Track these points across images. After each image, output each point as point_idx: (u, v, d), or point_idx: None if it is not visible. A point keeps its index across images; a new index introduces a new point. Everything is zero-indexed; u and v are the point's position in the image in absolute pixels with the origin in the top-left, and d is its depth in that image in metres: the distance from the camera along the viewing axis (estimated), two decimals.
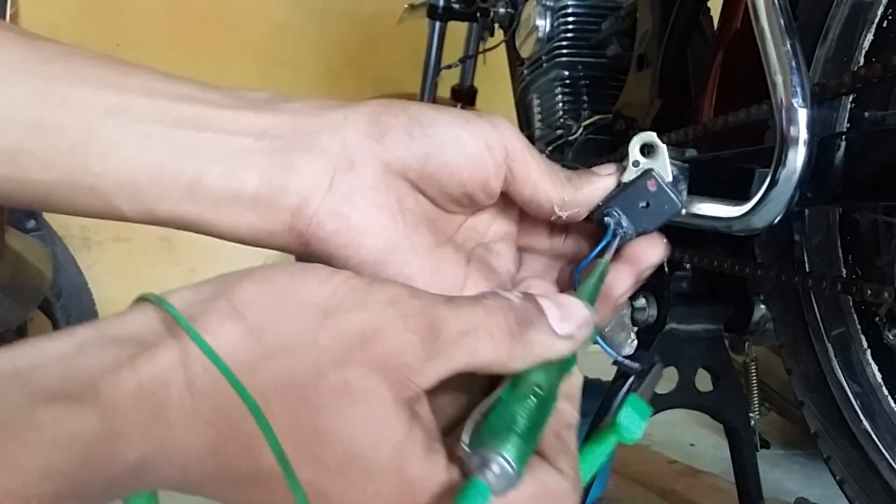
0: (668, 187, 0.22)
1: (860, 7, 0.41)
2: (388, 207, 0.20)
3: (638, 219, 0.22)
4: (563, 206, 0.22)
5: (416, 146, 0.20)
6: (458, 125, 0.20)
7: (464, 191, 0.21)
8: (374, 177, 0.19)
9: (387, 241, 0.20)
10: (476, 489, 0.15)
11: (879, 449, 0.43)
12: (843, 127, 0.42)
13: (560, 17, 0.67)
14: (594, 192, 0.22)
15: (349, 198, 0.19)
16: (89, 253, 1.36)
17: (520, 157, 0.21)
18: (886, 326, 0.42)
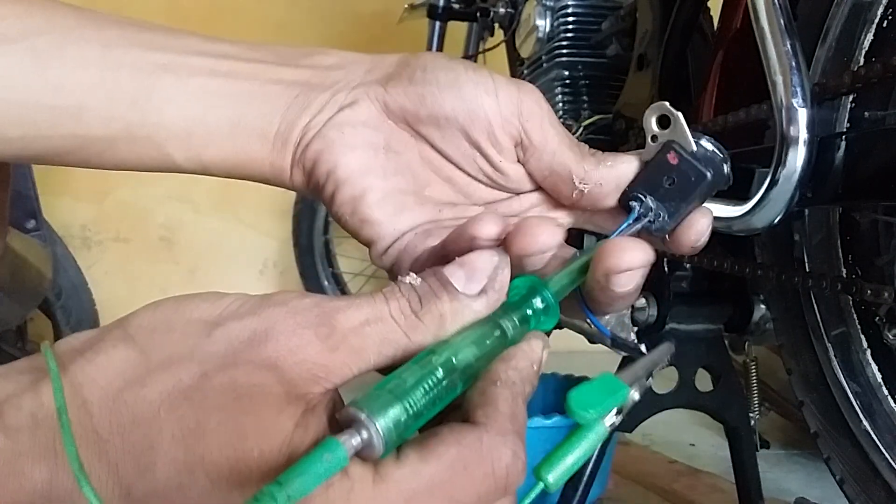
0: (692, 157, 0.20)
1: (860, 7, 0.41)
2: (373, 139, 0.21)
3: (667, 199, 0.20)
4: (584, 178, 0.20)
5: (413, 88, 0.20)
6: (461, 71, 0.20)
7: (469, 141, 0.21)
8: (369, 114, 0.21)
9: (362, 163, 0.21)
10: (331, 449, 0.13)
11: (879, 449, 0.43)
12: (843, 127, 0.42)
13: (560, 17, 0.67)
14: (619, 168, 0.21)
15: (340, 126, 0.21)
16: (89, 253, 1.36)
17: (536, 120, 0.20)
18: (886, 326, 0.42)
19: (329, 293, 1.12)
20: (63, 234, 1.15)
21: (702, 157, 0.20)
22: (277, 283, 1.40)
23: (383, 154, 0.21)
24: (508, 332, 0.18)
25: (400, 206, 0.21)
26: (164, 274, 1.38)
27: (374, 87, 0.21)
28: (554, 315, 0.19)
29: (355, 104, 0.21)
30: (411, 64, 0.21)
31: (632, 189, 0.21)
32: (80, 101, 0.20)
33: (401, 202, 0.21)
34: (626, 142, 0.57)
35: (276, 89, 0.21)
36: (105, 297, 1.16)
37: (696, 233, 0.20)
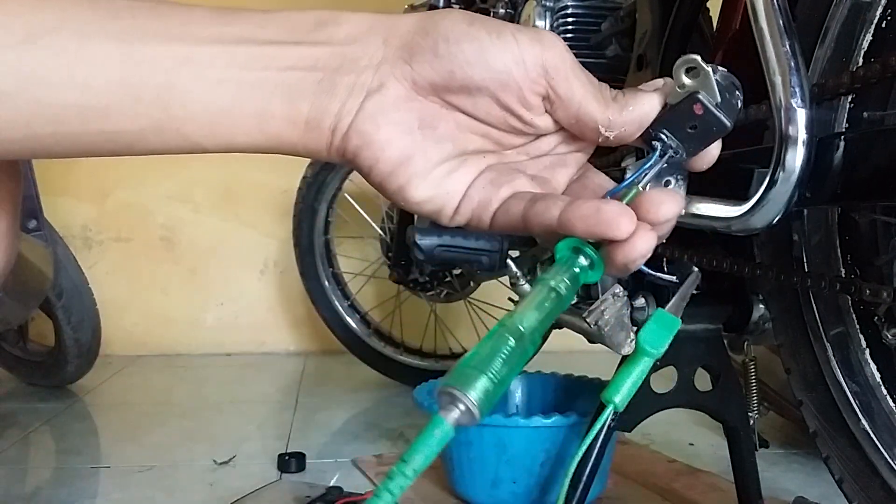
0: (716, 109, 0.21)
1: (859, 7, 0.41)
2: (406, 123, 0.21)
3: (687, 140, 0.22)
4: (609, 126, 0.21)
5: (440, 64, 0.21)
6: (487, 40, 0.21)
7: (500, 105, 0.21)
8: (398, 96, 0.21)
9: (400, 153, 0.21)
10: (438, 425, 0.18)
11: (878, 448, 0.43)
12: (842, 127, 0.42)
13: (559, 17, 0.67)
14: (642, 111, 0.22)
15: (373, 118, 0.21)
16: (90, 252, 1.36)
17: (561, 74, 0.21)
18: (885, 326, 0.43)
19: (330, 293, 1.13)
20: (64, 234, 1.15)
21: (724, 105, 0.21)
22: (278, 282, 1.41)
23: (419, 134, 0.22)
24: (562, 291, 0.20)
25: (448, 173, 0.22)
26: (164, 274, 1.39)
27: (399, 65, 0.21)
28: (599, 269, 0.21)
29: (383, 87, 0.21)
30: (431, 33, 0.21)
31: (655, 128, 0.22)
32: (107, 100, 0.20)
33: (447, 170, 0.22)
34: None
35: (296, 76, 0.21)
36: (106, 297, 1.17)
37: (710, 158, 0.22)
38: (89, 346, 1.05)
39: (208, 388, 1.15)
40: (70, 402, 1.03)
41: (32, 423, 0.91)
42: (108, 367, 1.19)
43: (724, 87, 0.21)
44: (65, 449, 0.83)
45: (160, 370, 1.25)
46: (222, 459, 0.76)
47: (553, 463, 0.57)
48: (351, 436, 0.86)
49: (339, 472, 0.71)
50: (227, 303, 1.40)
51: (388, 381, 1.10)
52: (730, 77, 0.22)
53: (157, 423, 0.92)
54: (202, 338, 1.38)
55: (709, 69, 0.21)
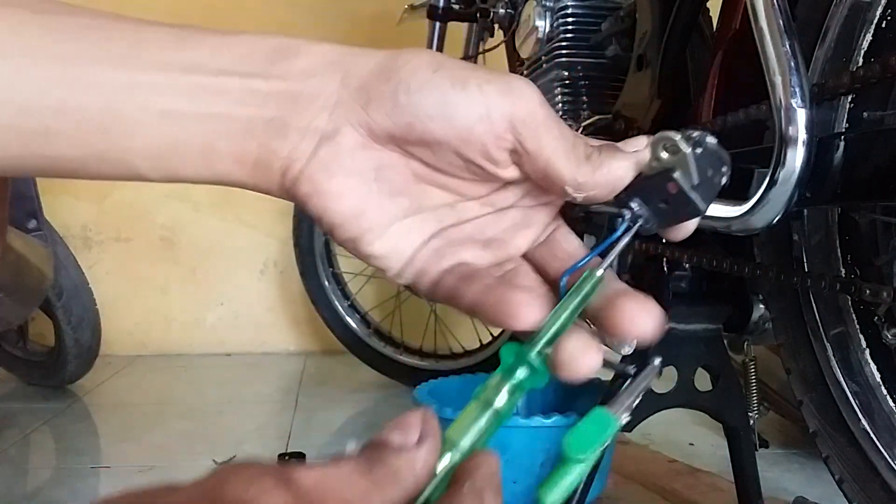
0: (691, 191, 0.19)
1: (859, 7, 0.41)
2: (362, 174, 0.20)
3: (659, 213, 0.20)
4: (577, 187, 0.20)
5: (398, 115, 0.19)
6: (451, 91, 0.19)
7: (462, 159, 0.20)
8: (354, 144, 0.20)
9: (354, 207, 0.20)
10: None
11: (878, 448, 0.43)
12: (842, 127, 0.42)
13: (559, 17, 0.67)
14: (614, 175, 0.20)
15: (325, 165, 0.20)
16: (90, 252, 1.36)
17: (530, 129, 0.19)
18: (885, 326, 0.43)
19: (330, 293, 1.13)
20: (64, 233, 1.15)
21: (702, 186, 0.19)
22: (278, 282, 1.41)
23: (374, 186, 0.20)
24: (501, 408, 0.19)
25: (400, 234, 0.20)
26: (164, 273, 1.39)
27: (355, 110, 0.19)
28: (542, 375, 0.19)
29: (338, 134, 0.19)
30: (392, 79, 0.19)
31: (628, 194, 0.20)
32: (48, 126, 0.19)
33: (399, 230, 0.20)
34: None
35: (247, 112, 0.19)
36: (106, 297, 1.17)
37: (684, 233, 0.21)
38: (89, 346, 1.05)
39: (208, 388, 1.15)
40: (70, 402, 1.03)
41: (32, 423, 0.91)
42: (107, 367, 1.19)
43: (706, 164, 0.19)
44: (65, 449, 0.83)
45: (160, 370, 1.25)
46: (222, 459, 0.76)
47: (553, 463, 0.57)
48: (351, 436, 0.86)
49: None
50: (227, 303, 1.40)
51: (387, 381, 1.10)
52: (717, 152, 0.20)
53: (156, 423, 0.92)
54: (202, 338, 1.37)
55: (687, 151, 0.19)
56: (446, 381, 0.70)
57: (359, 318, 1.13)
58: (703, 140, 0.19)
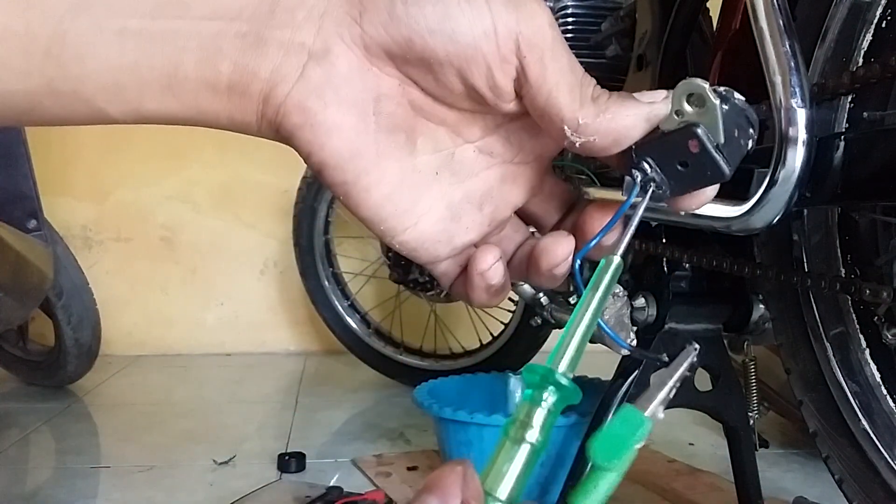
0: (715, 151, 0.17)
1: (859, 7, 0.41)
2: (360, 105, 0.17)
3: (675, 177, 0.17)
4: (576, 129, 0.17)
5: (396, 28, 0.17)
6: (455, 4, 0.16)
7: (464, 84, 0.17)
8: (350, 66, 0.17)
9: (350, 144, 0.17)
10: None
11: (878, 448, 0.43)
12: (842, 127, 0.42)
13: (559, 17, 0.67)
14: (621, 123, 0.17)
15: (319, 90, 0.17)
16: (90, 252, 1.36)
17: (535, 53, 0.17)
18: (885, 326, 0.43)
19: (329, 293, 1.13)
20: (64, 234, 1.15)
21: (728, 146, 0.17)
22: (278, 282, 1.41)
23: (373, 118, 0.17)
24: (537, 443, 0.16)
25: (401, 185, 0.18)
26: (164, 274, 1.39)
27: (346, 23, 0.17)
28: (574, 392, 0.16)
29: (330, 53, 0.17)
30: None
31: (639, 153, 0.17)
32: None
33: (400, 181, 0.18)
34: None
35: (214, 27, 0.16)
36: (106, 297, 1.17)
37: (701, 201, 0.18)
38: (89, 346, 1.05)
39: (208, 388, 1.15)
40: (70, 401, 1.03)
41: (32, 422, 0.91)
42: (107, 367, 1.19)
43: (732, 124, 0.17)
44: (64, 449, 0.83)
45: (160, 370, 1.25)
46: (222, 459, 0.76)
47: (553, 463, 0.57)
48: (351, 436, 0.86)
49: (339, 472, 0.71)
50: (227, 303, 1.40)
51: (387, 380, 1.10)
52: (745, 110, 0.17)
53: (156, 423, 0.92)
54: (202, 338, 1.38)
55: (716, 102, 0.17)
56: (446, 380, 0.70)
57: (359, 317, 1.13)
58: (731, 96, 0.17)
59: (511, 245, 0.21)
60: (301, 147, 0.18)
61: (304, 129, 0.17)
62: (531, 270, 0.19)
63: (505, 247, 0.21)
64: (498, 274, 0.19)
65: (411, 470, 0.70)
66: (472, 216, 0.19)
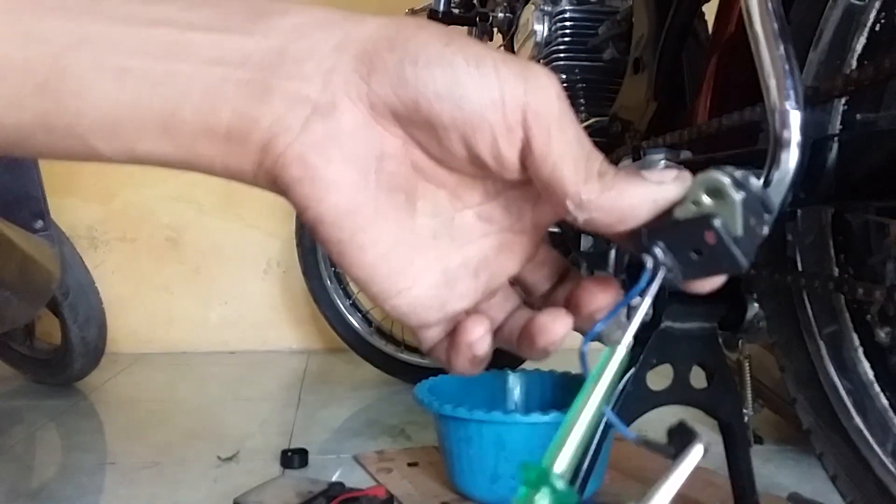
0: (733, 244, 0.16)
1: (853, 11, 0.42)
2: (362, 162, 0.17)
3: (687, 264, 0.17)
4: (580, 205, 0.16)
5: (404, 90, 0.16)
6: (464, 70, 0.16)
7: (468, 150, 0.17)
8: (355, 123, 0.16)
9: (349, 200, 0.17)
10: None
11: (871, 445, 0.43)
12: (836, 129, 0.42)
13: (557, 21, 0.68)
14: (626, 202, 0.17)
15: (321, 145, 0.16)
16: (96, 252, 1.37)
17: (542, 125, 0.16)
18: (878, 325, 0.43)
19: (331, 292, 1.13)
20: (70, 234, 1.16)
21: (745, 238, 0.16)
22: (281, 281, 1.42)
23: (374, 176, 0.17)
24: None
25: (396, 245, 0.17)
26: (169, 273, 1.40)
27: (353, 81, 0.16)
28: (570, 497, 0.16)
29: (336, 109, 0.16)
30: (398, 48, 0.16)
31: (651, 236, 0.17)
32: None
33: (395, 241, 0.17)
34: (622, 143, 0.58)
35: (219, 71, 0.16)
36: (112, 296, 1.18)
37: (712, 286, 0.18)
38: (95, 345, 1.06)
39: (212, 385, 1.16)
40: (76, 399, 1.04)
41: (39, 420, 0.92)
42: (113, 365, 1.20)
43: (749, 213, 0.16)
44: (70, 446, 0.84)
45: (165, 368, 1.26)
46: (226, 456, 0.76)
47: None
48: (353, 432, 0.86)
49: (342, 468, 0.72)
50: (230, 302, 1.41)
51: (389, 378, 1.11)
52: (761, 197, 0.16)
53: (161, 420, 0.93)
54: (206, 336, 1.39)
55: (737, 199, 0.16)
56: (446, 378, 0.70)
57: (360, 316, 1.14)
58: (747, 182, 0.16)
59: (501, 313, 0.20)
60: (298, 201, 0.17)
61: (304, 183, 0.16)
62: (524, 344, 0.19)
63: (494, 315, 0.20)
64: (485, 345, 0.19)
65: (412, 466, 0.71)
66: (467, 283, 0.18)
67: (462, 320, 0.19)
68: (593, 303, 0.18)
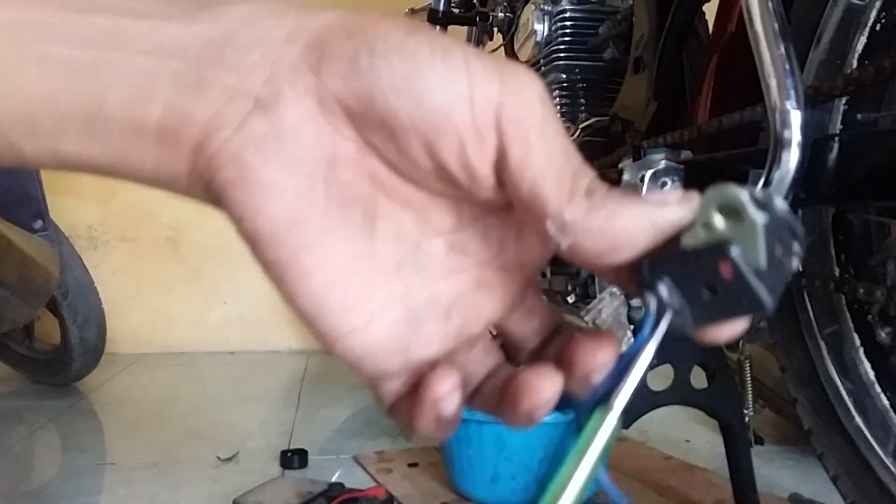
0: (755, 279, 0.13)
1: (853, 10, 0.42)
2: (309, 166, 0.14)
3: (698, 304, 0.13)
4: (563, 226, 0.13)
5: (357, 81, 0.13)
6: (427, 61, 0.13)
7: (432, 159, 0.14)
8: (301, 119, 0.14)
9: (292, 211, 0.14)
10: None
11: (872, 445, 0.43)
12: (837, 129, 0.42)
13: (558, 21, 0.68)
14: (619, 223, 0.13)
15: (260, 142, 0.14)
16: (95, 252, 1.37)
17: (520, 130, 0.13)
18: (878, 325, 0.43)
19: None
20: (70, 234, 1.16)
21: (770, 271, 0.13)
22: None
23: (323, 185, 0.14)
24: None
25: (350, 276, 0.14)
26: (169, 273, 1.40)
27: (301, 71, 0.14)
28: None
29: (279, 102, 0.14)
30: (354, 36, 0.14)
31: (654, 270, 0.13)
32: None
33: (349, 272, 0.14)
34: (623, 143, 0.58)
35: (150, 61, 0.14)
36: (112, 296, 1.18)
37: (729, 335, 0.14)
38: (94, 345, 1.06)
39: (212, 385, 1.16)
40: (75, 399, 1.04)
41: (38, 420, 0.92)
42: (113, 366, 1.20)
43: (774, 241, 0.13)
44: (70, 446, 0.84)
45: (164, 368, 1.26)
46: (226, 456, 0.76)
47: (551, 459, 0.57)
48: (352, 433, 0.86)
49: (341, 469, 0.72)
50: (230, 302, 1.41)
51: None
52: (789, 221, 0.13)
53: (161, 420, 0.93)
54: (206, 336, 1.38)
55: (759, 220, 0.12)
56: None
57: None
58: (771, 202, 0.13)
59: (479, 370, 0.16)
60: (232, 209, 0.14)
61: (237, 187, 0.14)
62: (506, 407, 0.15)
63: (471, 369, 0.16)
64: (454, 404, 0.15)
65: (412, 466, 0.71)
66: (435, 326, 0.15)
67: (428, 372, 0.15)
68: (589, 361, 0.15)
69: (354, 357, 0.15)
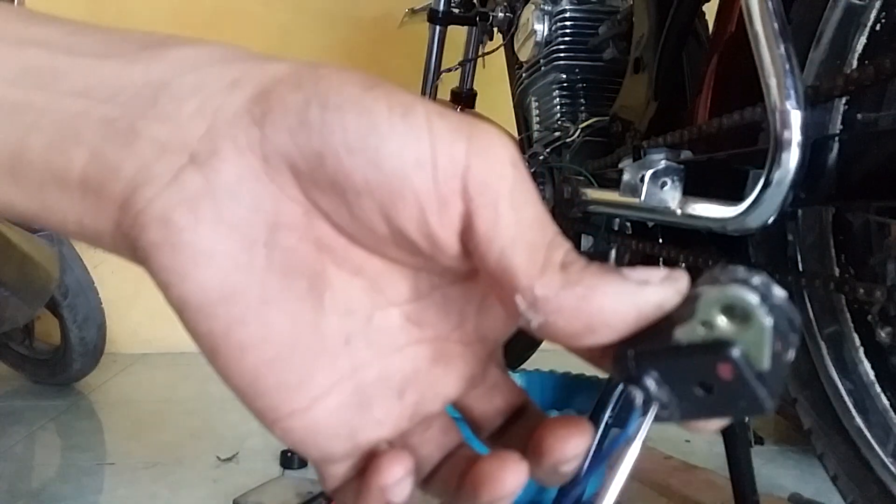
0: (756, 381, 0.11)
1: (853, 10, 0.42)
2: (247, 230, 0.12)
3: (690, 401, 0.12)
4: (533, 302, 0.12)
5: (306, 139, 0.12)
6: (385, 118, 0.12)
7: (388, 225, 0.13)
8: (240, 177, 0.12)
9: (224, 280, 0.12)
10: None
11: (872, 445, 0.43)
12: (837, 129, 0.42)
13: (558, 21, 0.68)
14: (596, 303, 0.12)
15: (192, 201, 0.12)
16: (95, 252, 1.37)
17: (488, 197, 0.12)
18: (879, 325, 0.43)
19: None
20: None
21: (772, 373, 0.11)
22: None
23: (263, 250, 0.12)
24: None
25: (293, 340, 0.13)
26: None
27: (244, 124, 0.12)
28: None
29: (215, 156, 0.12)
30: (305, 87, 0.12)
31: (641, 363, 0.12)
32: None
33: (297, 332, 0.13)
34: (623, 143, 0.58)
35: (78, 104, 0.12)
36: (111, 296, 1.18)
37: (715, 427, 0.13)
38: (94, 345, 1.06)
39: (212, 385, 1.16)
40: (75, 399, 1.04)
41: (38, 420, 0.92)
42: (113, 365, 1.20)
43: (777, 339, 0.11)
44: (70, 446, 0.84)
45: (165, 368, 1.26)
46: (226, 456, 0.77)
47: None
48: None
49: None
50: None
51: None
52: (788, 313, 0.12)
53: (161, 420, 0.93)
54: None
55: (768, 324, 0.11)
56: None
57: None
58: (771, 294, 0.12)
59: (436, 452, 0.15)
60: (157, 274, 0.12)
61: (164, 251, 0.12)
62: (464, 496, 0.13)
63: (426, 451, 0.15)
64: (403, 493, 0.13)
65: None
66: (387, 405, 0.14)
67: (377, 455, 0.14)
68: (559, 450, 0.13)
69: (296, 440, 0.14)
